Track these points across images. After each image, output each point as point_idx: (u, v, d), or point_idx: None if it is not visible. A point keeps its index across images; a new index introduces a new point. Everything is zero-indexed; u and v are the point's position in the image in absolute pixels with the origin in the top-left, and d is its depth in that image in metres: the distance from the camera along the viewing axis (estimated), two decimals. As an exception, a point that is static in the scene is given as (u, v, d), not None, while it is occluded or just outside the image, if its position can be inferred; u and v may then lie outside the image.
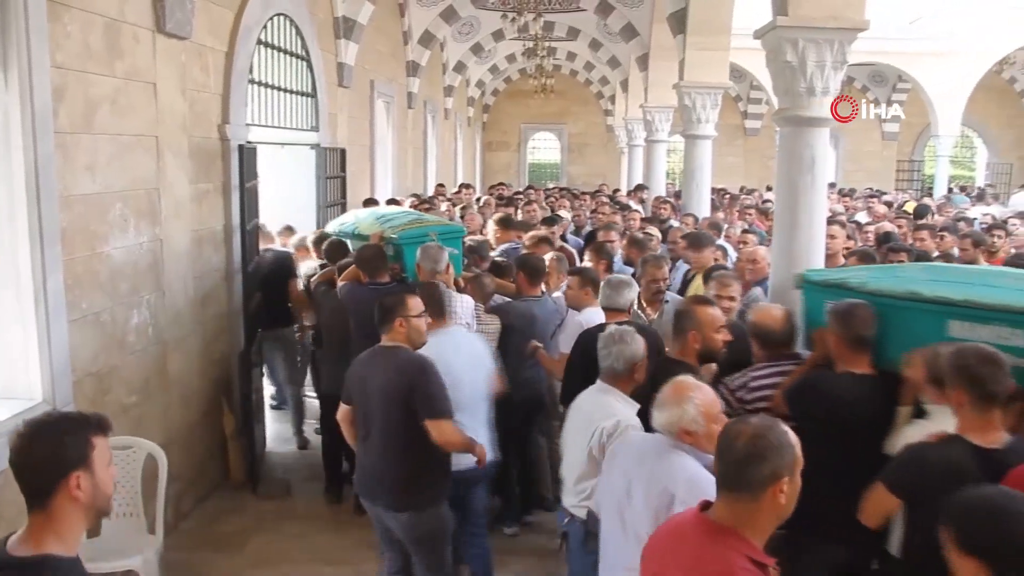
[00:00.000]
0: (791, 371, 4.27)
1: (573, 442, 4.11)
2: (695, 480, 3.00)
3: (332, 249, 6.98)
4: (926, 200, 16.96)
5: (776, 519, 2.40)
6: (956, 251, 7.93)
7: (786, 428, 2.41)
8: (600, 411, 3.95)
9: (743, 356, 4.56)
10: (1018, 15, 20.32)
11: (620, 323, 4.53)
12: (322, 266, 7.11)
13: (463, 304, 5.70)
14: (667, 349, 4.43)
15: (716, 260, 7.24)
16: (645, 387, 3.90)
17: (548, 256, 6.83)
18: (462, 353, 4.93)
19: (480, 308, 5.96)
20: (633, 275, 6.19)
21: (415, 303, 4.49)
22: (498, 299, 6.31)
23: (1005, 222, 10.50)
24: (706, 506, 2.49)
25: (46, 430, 2.30)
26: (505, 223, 8.44)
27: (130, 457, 5.15)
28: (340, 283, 6.18)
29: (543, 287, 6.35)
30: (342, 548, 5.97)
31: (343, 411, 4.58)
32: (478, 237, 8.09)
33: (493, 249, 7.76)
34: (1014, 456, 3.01)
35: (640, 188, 14.28)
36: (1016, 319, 3.55)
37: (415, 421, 4.23)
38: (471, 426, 4.69)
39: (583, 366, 4.70)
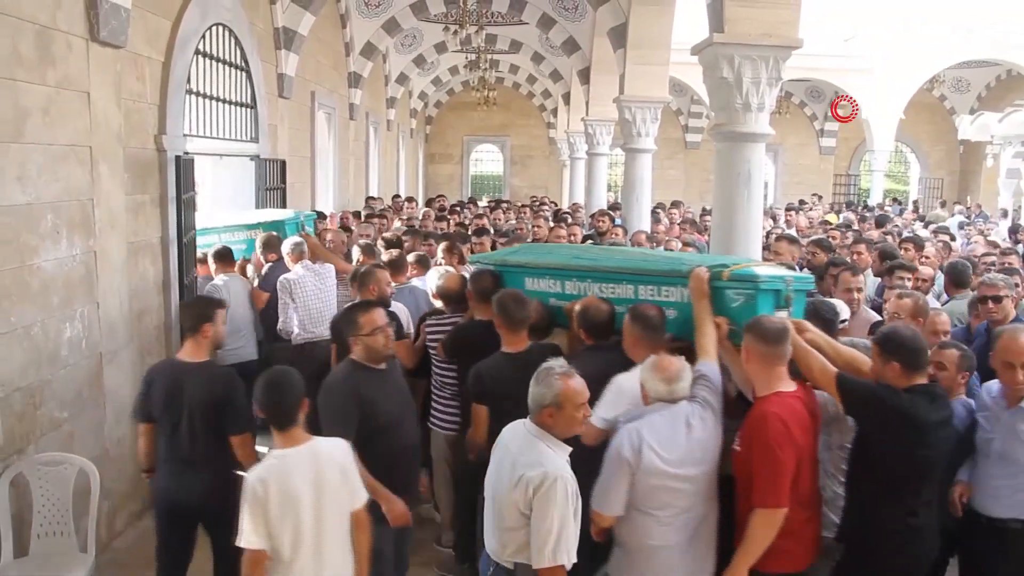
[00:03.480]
0: (457, 320, 5.63)
1: (499, 484, 3.64)
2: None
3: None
4: (887, 211, 17.47)
5: None
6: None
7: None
8: (526, 457, 3.53)
9: None
10: (946, 36, 20.93)
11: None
12: None
13: (327, 270, 7.58)
14: None
15: None
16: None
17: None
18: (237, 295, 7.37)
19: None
20: None
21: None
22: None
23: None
24: None
25: (200, 299, 5.35)
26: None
27: (61, 473, 5.04)
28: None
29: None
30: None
31: None
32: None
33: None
34: (531, 354, 4.58)
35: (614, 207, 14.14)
36: (555, 273, 5.10)
37: None
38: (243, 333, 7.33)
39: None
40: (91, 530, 5.10)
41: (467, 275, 5.89)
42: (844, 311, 5.38)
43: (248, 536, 3.50)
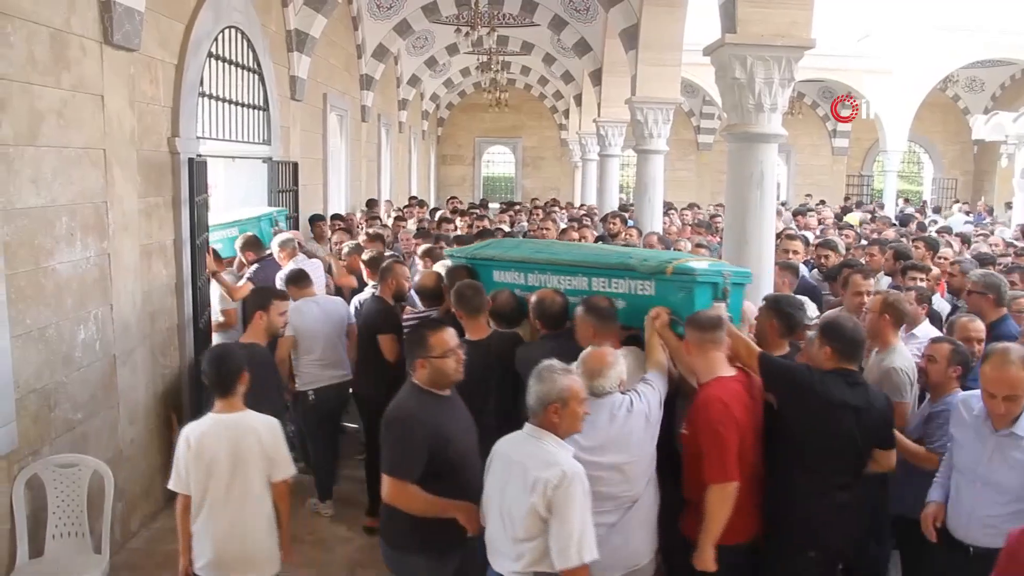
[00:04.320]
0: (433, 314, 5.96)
1: (508, 495, 3.60)
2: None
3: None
4: (910, 210, 17.43)
5: None
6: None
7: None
8: (536, 459, 3.52)
9: None
10: (960, 35, 20.83)
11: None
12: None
13: (315, 265, 7.99)
14: None
15: None
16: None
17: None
18: None
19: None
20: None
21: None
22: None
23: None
24: None
25: (261, 289, 5.86)
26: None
27: (75, 475, 5.07)
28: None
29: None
30: (290, 566, 5.89)
31: None
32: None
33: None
34: (492, 341, 5.13)
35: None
36: (519, 266, 5.45)
37: None
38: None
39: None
40: (105, 531, 5.13)
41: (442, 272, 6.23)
42: (812, 309, 5.53)
43: (173, 480, 4.22)
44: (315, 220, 10.68)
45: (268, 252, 8.04)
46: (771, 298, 5.10)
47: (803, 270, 7.81)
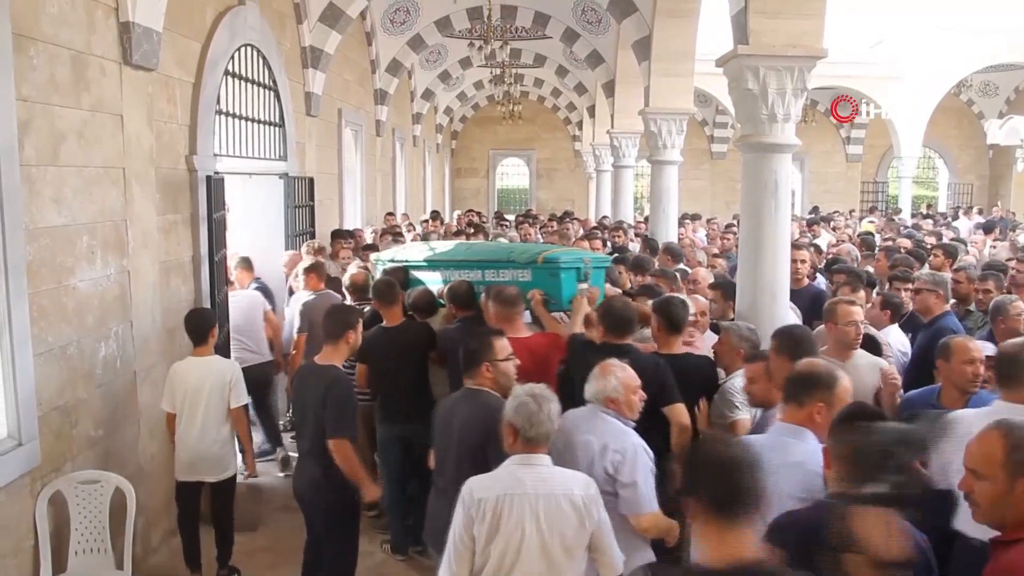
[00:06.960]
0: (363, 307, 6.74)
1: (544, 522, 3.43)
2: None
3: None
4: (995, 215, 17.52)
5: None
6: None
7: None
8: (566, 477, 3.57)
9: None
10: (973, 40, 20.77)
11: None
12: None
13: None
14: None
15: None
16: None
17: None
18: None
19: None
20: None
21: None
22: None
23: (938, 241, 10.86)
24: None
25: (342, 307, 5.80)
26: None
27: (97, 491, 5.11)
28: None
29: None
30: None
31: None
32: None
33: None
34: (403, 328, 6.16)
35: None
36: (428, 264, 6.63)
37: None
38: None
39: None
40: (127, 547, 5.16)
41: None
42: (690, 305, 5.66)
43: (164, 401, 5.77)
44: (335, 236, 10.66)
45: None
46: (658, 301, 5.47)
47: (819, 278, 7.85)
